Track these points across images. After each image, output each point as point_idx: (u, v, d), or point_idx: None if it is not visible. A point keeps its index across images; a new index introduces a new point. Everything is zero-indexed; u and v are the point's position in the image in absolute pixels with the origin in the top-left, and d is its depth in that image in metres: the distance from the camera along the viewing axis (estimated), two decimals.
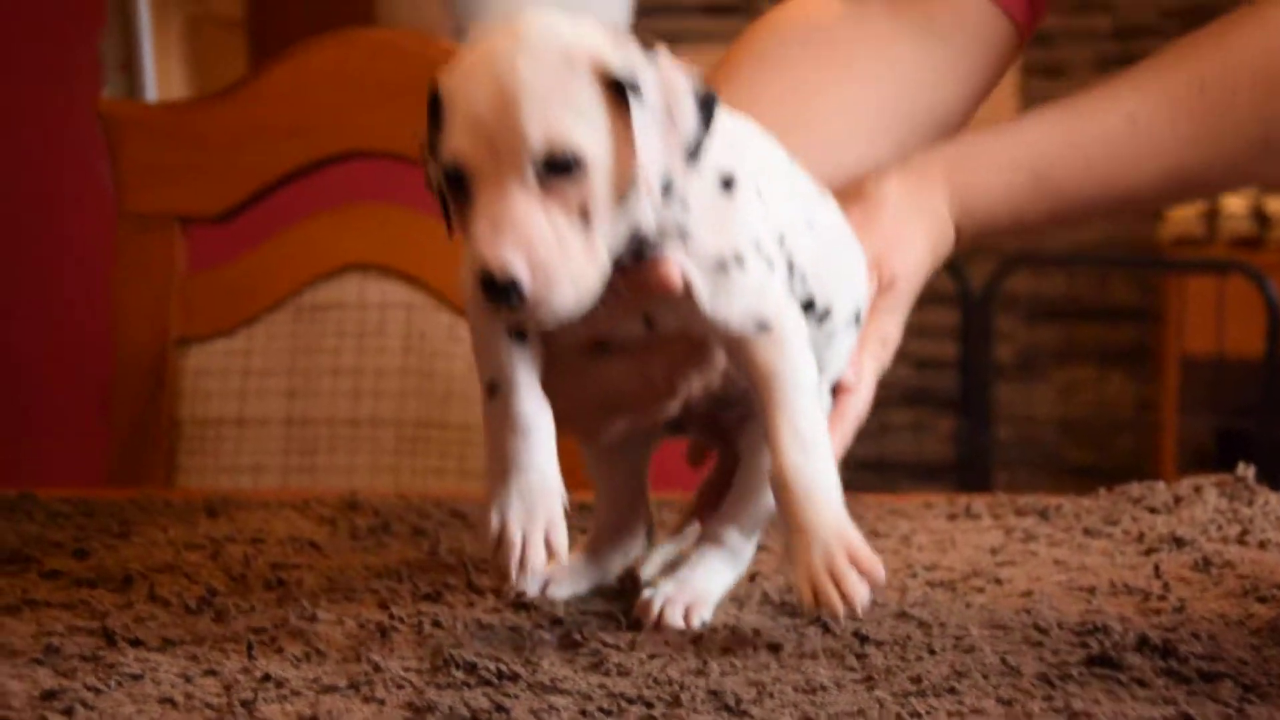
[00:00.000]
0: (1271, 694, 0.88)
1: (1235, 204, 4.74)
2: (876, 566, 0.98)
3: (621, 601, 1.11)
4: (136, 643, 1.02)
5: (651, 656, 0.98)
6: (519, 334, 0.99)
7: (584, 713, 0.88)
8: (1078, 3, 4.96)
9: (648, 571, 1.16)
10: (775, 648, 0.99)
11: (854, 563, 0.98)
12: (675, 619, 1.05)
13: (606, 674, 0.95)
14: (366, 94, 1.97)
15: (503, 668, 0.95)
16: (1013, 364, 4.92)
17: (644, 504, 1.16)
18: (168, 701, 0.91)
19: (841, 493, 1.00)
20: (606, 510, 1.16)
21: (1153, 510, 1.31)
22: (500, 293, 0.90)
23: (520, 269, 0.90)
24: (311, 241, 1.98)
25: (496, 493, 0.99)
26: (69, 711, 0.89)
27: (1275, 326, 3.43)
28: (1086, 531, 1.27)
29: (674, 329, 1.02)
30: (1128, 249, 4.98)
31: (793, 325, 1.01)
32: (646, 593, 1.08)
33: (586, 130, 0.93)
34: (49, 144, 2.52)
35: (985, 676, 0.92)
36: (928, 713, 0.87)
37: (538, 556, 0.98)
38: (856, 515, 1.09)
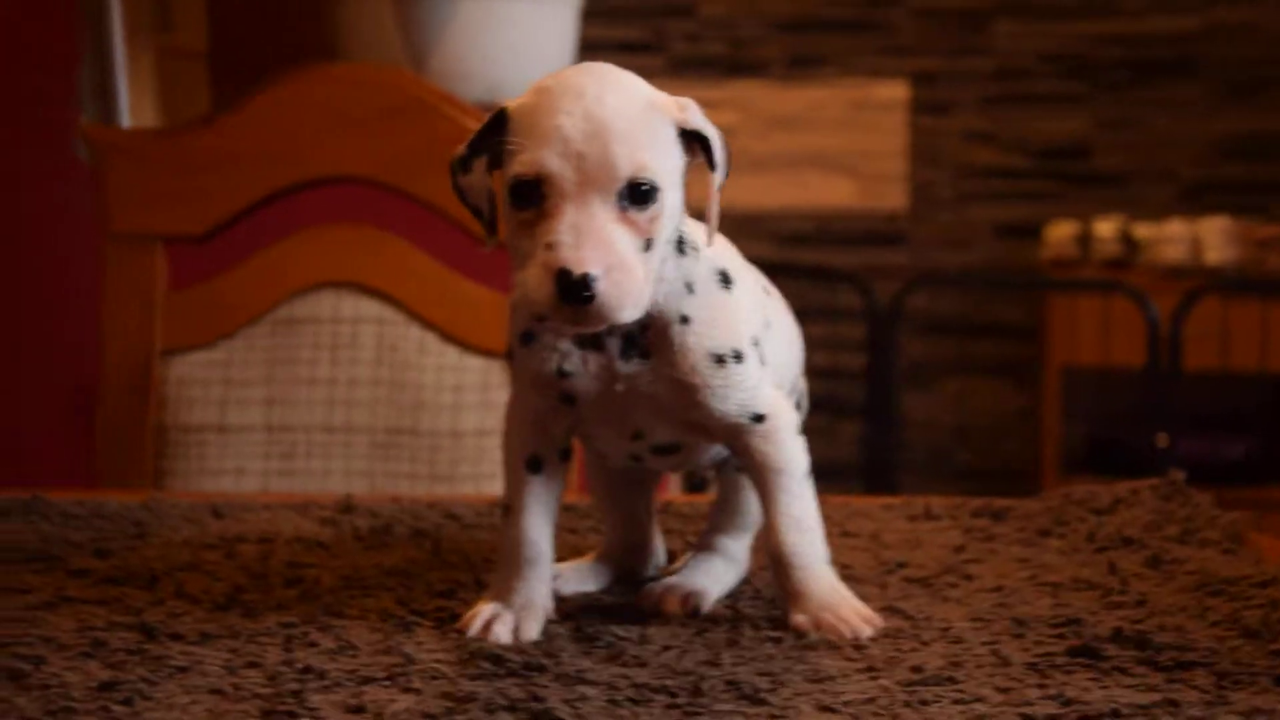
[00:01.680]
0: (1244, 681, 0.89)
1: (1106, 228, 4.81)
2: (875, 618, 1.02)
3: (627, 597, 1.11)
4: (176, 637, 1.01)
5: (664, 648, 0.98)
6: (535, 466, 1.05)
7: (613, 701, 0.88)
8: (962, 46, 5.02)
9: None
10: (776, 640, 1.00)
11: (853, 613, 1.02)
12: (673, 606, 1.07)
13: (625, 665, 0.95)
14: (338, 123, 1.95)
15: (528, 660, 0.95)
16: (910, 374, 4.96)
17: (648, 530, 1.18)
18: (218, 692, 0.90)
19: (831, 561, 1.05)
20: (613, 532, 1.18)
21: (1097, 512, 1.33)
22: (576, 290, 0.92)
23: (598, 272, 0.92)
24: (288, 260, 1.97)
25: (495, 599, 1.04)
26: (128, 702, 0.88)
27: (1155, 341, 3.49)
28: (1040, 531, 1.28)
29: (665, 439, 1.06)
30: (1012, 270, 5.04)
31: (784, 416, 1.04)
32: (650, 585, 1.10)
33: (664, 167, 0.96)
34: (32, 166, 2.49)
35: (979, 666, 0.93)
36: (935, 700, 0.87)
37: (503, 636, 1.01)
38: (824, 516, 1.11)
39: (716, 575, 1.11)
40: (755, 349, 1.02)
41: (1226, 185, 5.00)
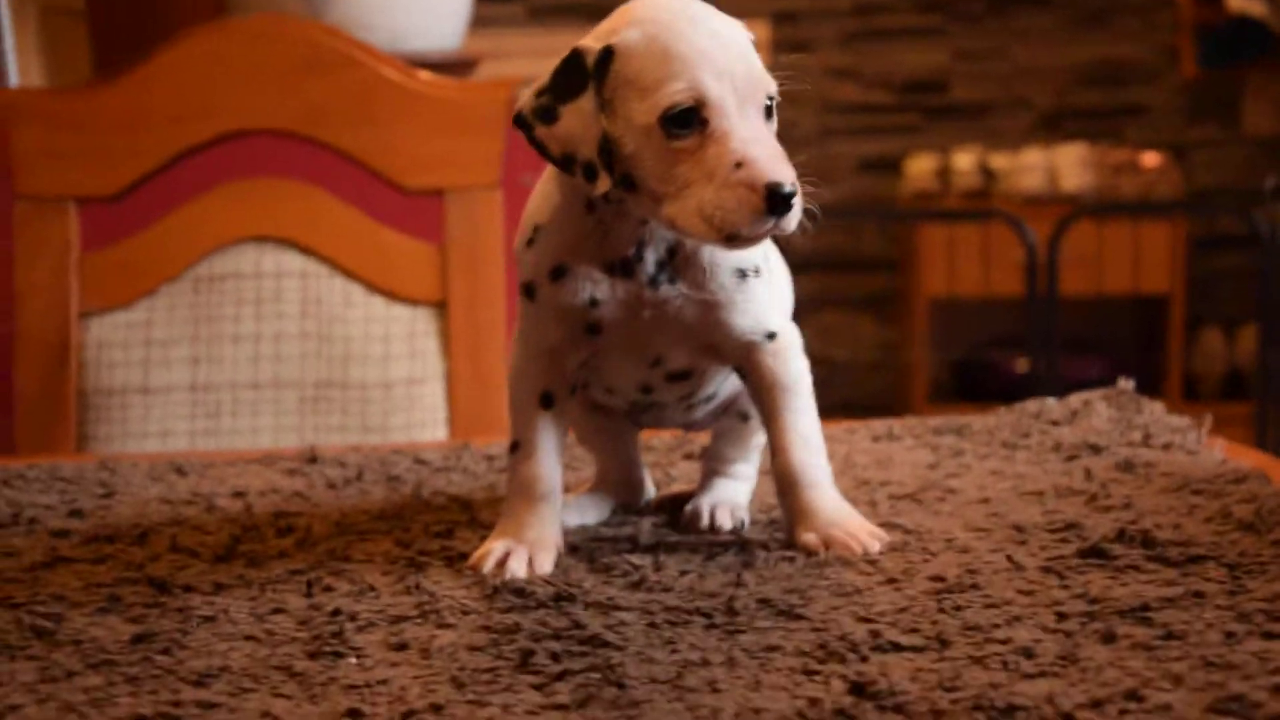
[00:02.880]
0: (1256, 571, 0.92)
1: (964, 160, 4.90)
2: (881, 533, 1.04)
3: (626, 529, 1.12)
4: (189, 589, 1.00)
5: (682, 573, 0.99)
6: (547, 401, 1.05)
7: (652, 625, 0.89)
8: None
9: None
10: (790, 559, 1.01)
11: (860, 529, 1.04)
12: (724, 520, 1.09)
13: (650, 591, 0.96)
14: (249, 76, 1.93)
15: (558, 591, 0.95)
16: None
17: (638, 465, 1.19)
18: (253, 639, 0.90)
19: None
20: (605, 469, 1.19)
21: (1055, 423, 1.36)
22: (787, 201, 0.94)
23: (795, 183, 0.94)
24: (205, 216, 1.94)
25: (506, 535, 1.04)
26: (167, 652, 0.87)
27: (1033, 268, 3.56)
28: (1004, 444, 1.31)
29: (680, 364, 1.06)
30: (874, 204, 5.10)
31: (792, 335, 1.06)
32: (689, 506, 1.11)
33: None
34: None
35: (995, 572, 0.95)
36: (967, 605, 0.89)
37: (519, 571, 1.01)
38: None
39: (737, 490, 1.15)
40: (766, 264, 1.04)
41: (1081, 113, 5.10)
